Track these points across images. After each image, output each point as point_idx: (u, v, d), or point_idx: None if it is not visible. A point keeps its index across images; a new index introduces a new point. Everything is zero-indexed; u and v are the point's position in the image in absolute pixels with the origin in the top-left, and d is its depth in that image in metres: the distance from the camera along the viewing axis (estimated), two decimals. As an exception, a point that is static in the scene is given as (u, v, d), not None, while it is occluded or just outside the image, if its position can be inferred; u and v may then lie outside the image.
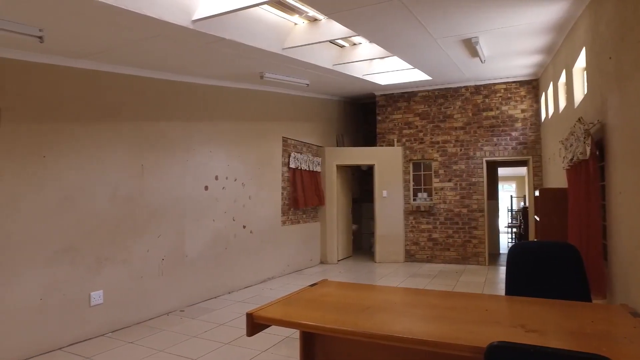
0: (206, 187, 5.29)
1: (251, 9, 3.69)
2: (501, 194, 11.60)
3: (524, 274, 2.43)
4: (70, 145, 3.82)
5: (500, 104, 7.52)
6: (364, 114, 10.02)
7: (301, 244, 7.31)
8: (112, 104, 4.19)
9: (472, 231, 7.60)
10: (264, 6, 3.98)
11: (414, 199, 8.14)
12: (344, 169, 8.48)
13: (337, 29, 4.53)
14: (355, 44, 5.75)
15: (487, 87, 7.61)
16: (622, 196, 2.90)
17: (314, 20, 4.63)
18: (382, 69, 6.74)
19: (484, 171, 7.61)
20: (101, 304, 4.02)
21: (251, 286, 5.99)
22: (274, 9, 4.36)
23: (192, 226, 5.05)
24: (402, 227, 8.05)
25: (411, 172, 8.19)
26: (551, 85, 5.95)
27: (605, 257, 3.28)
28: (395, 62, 6.50)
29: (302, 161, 7.27)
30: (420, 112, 8.15)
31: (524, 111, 7.38)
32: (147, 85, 4.57)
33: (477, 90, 7.69)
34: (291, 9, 4.44)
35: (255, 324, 2.12)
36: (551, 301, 2.16)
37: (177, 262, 4.84)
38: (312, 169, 7.58)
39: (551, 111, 6.04)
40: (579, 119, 3.63)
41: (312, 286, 2.70)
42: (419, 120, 8.16)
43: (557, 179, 5.60)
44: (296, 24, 4.67)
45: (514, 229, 11.90)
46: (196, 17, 3.43)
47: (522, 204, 13.13)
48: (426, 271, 7.04)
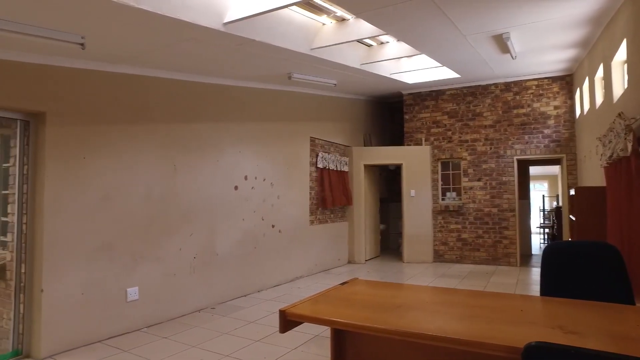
0: (236, 187, 5.38)
1: (280, 11, 3.73)
2: (533, 194, 11.29)
3: (560, 274, 2.37)
4: (107, 147, 3.97)
5: (531, 101, 7.33)
6: (390, 113, 9.95)
7: (329, 244, 7.34)
8: (146, 107, 4.33)
9: (503, 231, 7.43)
10: (292, 7, 4.02)
11: (443, 199, 8.03)
12: (371, 169, 8.45)
13: (365, 29, 4.53)
14: (382, 43, 5.73)
15: (518, 83, 7.43)
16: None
17: (341, 20, 4.65)
18: (410, 67, 6.68)
19: (515, 170, 7.43)
20: (137, 299, 4.15)
21: (280, 285, 6.06)
22: (303, 10, 4.40)
23: (222, 225, 5.15)
24: (431, 227, 7.96)
25: (439, 172, 8.09)
26: (587, 80, 5.75)
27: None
28: (423, 60, 6.43)
29: (329, 161, 7.30)
30: (448, 110, 8.03)
31: (557, 108, 7.16)
32: (179, 87, 4.70)
33: (507, 87, 7.51)
34: (319, 10, 4.47)
35: (287, 321, 2.15)
36: (591, 303, 2.09)
37: (208, 260, 4.95)
38: (339, 169, 7.59)
39: (587, 107, 5.84)
40: (619, 114, 3.50)
41: (342, 284, 2.72)
42: (447, 118, 8.04)
43: (593, 177, 5.41)
44: (324, 24, 4.70)
45: (547, 230, 11.57)
46: (227, 19, 3.50)
47: (555, 203, 12.75)
48: (455, 272, 6.93)
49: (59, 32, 3.02)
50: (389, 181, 9.84)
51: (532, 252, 8.92)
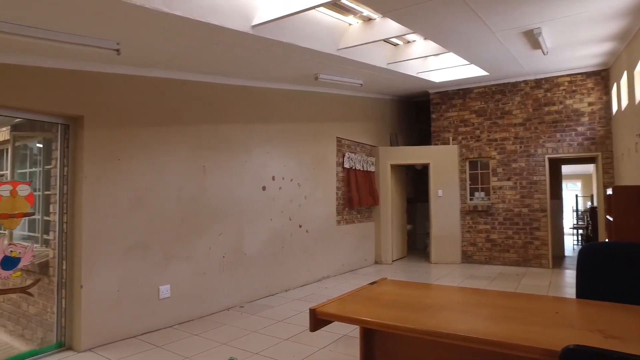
0: (264, 188, 5.45)
1: (307, 12, 3.76)
2: (565, 193, 10.95)
3: (597, 276, 2.30)
4: (140, 149, 4.09)
5: (563, 97, 7.11)
6: (417, 113, 9.85)
7: (356, 244, 7.33)
8: (176, 109, 4.45)
9: (534, 232, 7.24)
10: (319, 8, 4.05)
11: (471, 199, 7.89)
12: (398, 169, 8.39)
13: (391, 28, 4.51)
14: (409, 42, 5.69)
15: (549, 80, 7.22)
16: None
17: (368, 19, 4.64)
18: (437, 66, 6.61)
19: (546, 169, 7.22)
20: (168, 297, 4.27)
21: (307, 285, 6.09)
22: (329, 11, 4.42)
23: (250, 225, 5.23)
24: (459, 227, 7.83)
25: (467, 171, 7.95)
26: (625, 74, 5.53)
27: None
28: (450, 58, 6.35)
29: (356, 161, 7.29)
30: (476, 109, 7.88)
31: (591, 104, 6.92)
32: (208, 89, 4.80)
33: (537, 84, 7.31)
34: (346, 10, 4.48)
35: (318, 320, 2.17)
36: (633, 307, 2.02)
37: (236, 259, 5.03)
38: (366, 169, 7.57)
39: (625, 103, 5.62)
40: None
41: (371, 284, 2.72)
42: (475, 117, 7.90)
43: (632, 175, 5.20)
44: (350, 24, 4.70)
45: (581, 231, 11.19)
46: (255, 22, 3.56)
47: (590, 203, 12.33)
48: (484, 273, 6.80)
49: (97, 39, 3.15)
50: (415, 181, 9.74)
51: (565, 254, 8.65)
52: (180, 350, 3.63)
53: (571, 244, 10.92)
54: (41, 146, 4.12)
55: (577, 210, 12.78)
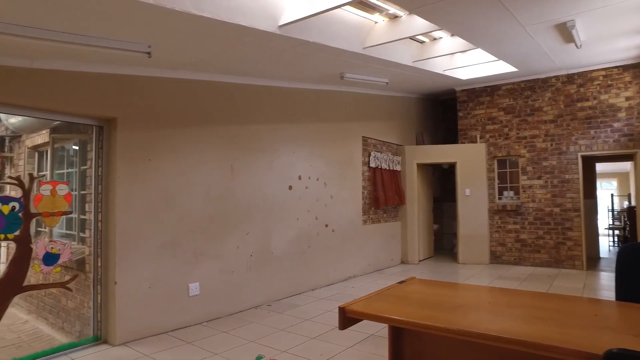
0: (290, 187, 5.49)
1: (333, 11, 3.76)
2: (600, 193, 10.56)
3: (639, 278, 2.21)
4: (170, 149, 4.19)
5: (598, 92, 6.86)
6: (443, 111, 9.71)
7: (382, 244, 7.29)
8: (204, 110, 4.53)
9: (566, 232, 7.01)
10: (345, 7, 4.04)
11: (500, 198, 7.72)
12: (424, 168, 8.29)
13: (418, 25, 4.46)
14: (435, 39, 5.61)
15: (582, 75, 6.98)
16: None
17: (394, 17, 4.60)
18: (464, 63, 6.50)
19: (579, 167, 6.98)
20: (198, 294, 4.35)
21: (333, 284, 6.10)
22: (355, 9, 4.41)
23: (277, 224, 5.27)
24: (487, 227, 7.67)
25: (496, 170, 7.78)
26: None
27: None
28: (477, 55, 6.23)
29: (382, 160, 7.25)
30: (504, 106, 7.70)
31: (628, 99, 6.65)
32: (235, 90, 4.87)
33: (569, 79, 7.08)
34: (372, 8, 4.46)
35: (347, 318, 2.17)
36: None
37: (264, 258, 5.08)
38: (392, 168, 7.52)
39: (664, 98, 5.38)
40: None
41: (400, 283, 2.70)
42: (503, 114, 7.72)
43: (672, 174, 4.97)
44: (376, 22, 4.68)
45: (617, 231, 10.77)
46: (282, 22, 3.59)
47: (627, 203, 11.84)
48: (514, 274, 6.64)
49: (129, 42, 3.24)
50: (442, 180, 9.60)
51: (600, 255, 8.34)
52: (209, 346, 3.70)
53: (606, 245, 10.53)
54: (77, 148, 4.28)
55: (612, 209, 12.31)
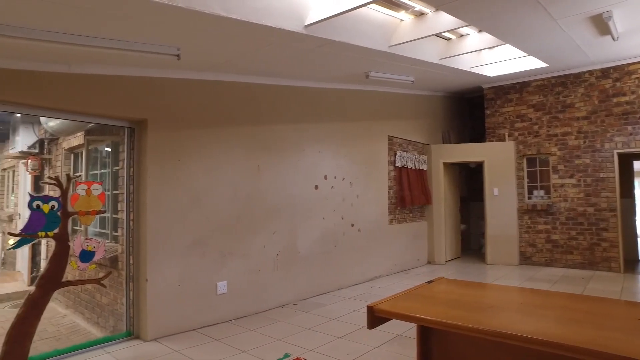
0: (316, 187, 5.50)
1: (358, 10, 3.75)
2: (638, 192, 10.11)
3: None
4: (198, 149, 4.27)
5: (636, 86, 6.57)
6: (470, 109, 9.53)
7: (408, 244, 7.22)
8: (231, 110, 4.59)
9: (601, 233, 6.76)
10: (371, 5, 4.02)
11: (529, 197, 7.52)
12: (451, 167, 8.16)
13: (444, 22, 4.40)
14: (462, 36, 5.52)
15: (619, 69, 6.71)
16: None
17: (420, 14, 4.55)
18: (491, 59, 6.36)
19: (615, 165, 6.71)
20: (225, 293, 4.41)
21: (359, 284, 6.08)
22: (381, 7, 4.39)
23: (303, 224, 5.30)
24: (516, 227, 7.48)
25: (525, 168, 7.58)
26: None
27: None
28: (506, 51, 6.09)
29: (408, 159, 7.18)
30: (534, 103, 7.50)
31: (668, 94, 6.36)
32: (260, 90, 4.92)
33: (604, 73, 6.82)
34: (397, 6, 4.43)
35: (375, 317, 2.16)
36: None
37: (290, 257, 5.12)
38: (418, 167, 7.44)
39: None
40: None
41: (428, 283, 2.67)
42: (533, 112, 7.52)
43: None
44: (402, 20, 4.64)
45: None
46: (308, 22, 3.61)
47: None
48: (545, 275, 6.45)
49: (159, 45, 3.33)
50: (469, 179, 9.43)
51: None
52: (237, 344, 3.75)
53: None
54: (110, 149, 4.43)
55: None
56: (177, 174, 4.08)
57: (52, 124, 4.68)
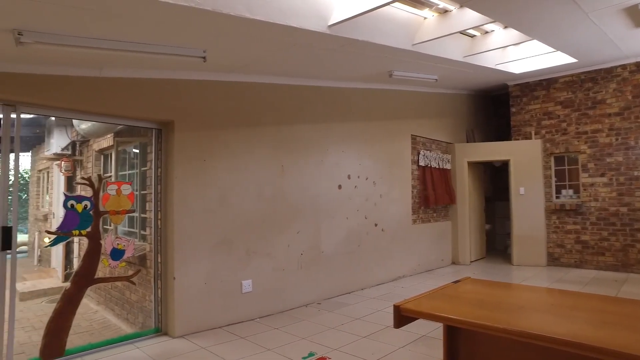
0: (340, 186, 5.51)
1: (382, 8, 3.73)
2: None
3: None
4: (223, 150, 4.33)
5: (672, 81, 6.32)
6: (495, 107, 9.36)
7: (432, 244, 7.14)
8: (256, 111, 4.65)
9: (636, 234, 6.52)
10: (394, 4, 4.00)
11: (557, 197, 7.32)
12: (475, 166, 8.03)
13: (468, 18, 4.34)
14: (487, 32, 5.42)
15: (654, 62, 6.46)
16: None
17: (444, 12, 4.50)
18: (517, 56, 6.22)
19: (651, 163, 6.48)
20: (250, 291, 4.47)
21: (383, 284, 6.05)
22: (404, 5, 4.36)
23: (327, 223, 5.31)
24: (543, 227, 7.30)
25: (552, 167, 7.38)
26: None
27: None
28: (532, 47, 5.95)
29: (431, 159, 7.10)
30: (562, 100, 7.30)
31: None
32: (285, 91, 4.96)
33: (639, 67, 6.58)
34: (421, 3, 4.39)
35: (402, 317, 2.16)
36: None
37: (314, 257, 5.14)
38: (441, 167, 7.35)
39: None
40: None
41: (455, 283, 2.64)
42: (560, 109, 7.32)
43: None
44: (425, 18, 4.60)
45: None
46: (332, 22, 3.61)
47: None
48: (575, 277, 6.27)
49: (186, 48, 3.40)
50: (494, 178, 9.25)
51: (674, 258, 7.68)
52: (262, 342, 3.79)
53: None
54: (138, 150, 4.54)
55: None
56: (203, 173, 4.15)
57: (83, 126, 4.84)
